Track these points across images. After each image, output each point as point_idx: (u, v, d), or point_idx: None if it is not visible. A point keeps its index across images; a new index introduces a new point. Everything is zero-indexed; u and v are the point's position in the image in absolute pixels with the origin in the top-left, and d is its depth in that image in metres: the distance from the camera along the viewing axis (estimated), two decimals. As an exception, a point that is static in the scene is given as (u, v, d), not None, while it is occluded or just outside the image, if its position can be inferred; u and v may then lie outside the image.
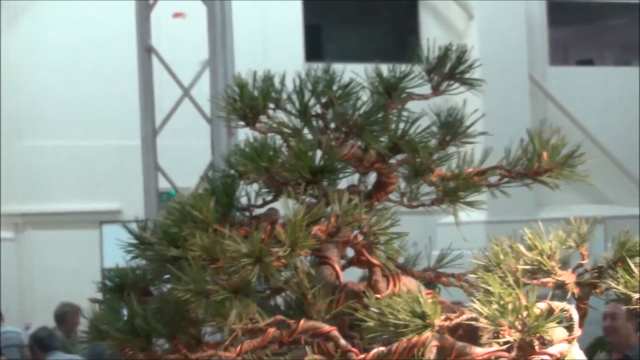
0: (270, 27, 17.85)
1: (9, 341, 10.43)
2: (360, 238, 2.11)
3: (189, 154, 5.24)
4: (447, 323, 1.96)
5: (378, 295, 2.24)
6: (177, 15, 10.16)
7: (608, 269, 2.39)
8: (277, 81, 2.29)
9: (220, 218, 2.12)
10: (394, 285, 2.39)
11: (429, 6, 19.51)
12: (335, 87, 2.30)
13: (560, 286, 2.26)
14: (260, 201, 2.46)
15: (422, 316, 1.83)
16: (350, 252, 2.63)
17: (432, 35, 19.37)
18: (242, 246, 1.82)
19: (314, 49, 18.74)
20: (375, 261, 2.23)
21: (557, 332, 2.10)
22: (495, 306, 1.81)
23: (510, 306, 1.84)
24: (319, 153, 2.25)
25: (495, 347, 1.92)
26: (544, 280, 2.26)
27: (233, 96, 2.12)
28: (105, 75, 14.61)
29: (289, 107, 2.21)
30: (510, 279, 2.02)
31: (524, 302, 1.91)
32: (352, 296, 2.35)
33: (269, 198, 2.35)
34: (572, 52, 22.51)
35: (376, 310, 1.96)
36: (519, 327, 1.90)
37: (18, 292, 15.00)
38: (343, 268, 2.59)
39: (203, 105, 4.74)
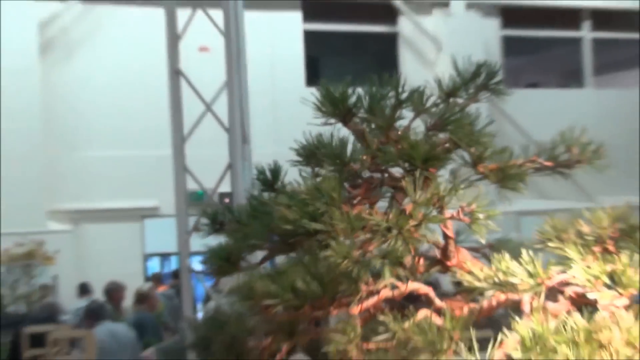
0: (277, 57, 17.84)
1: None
2: (461, 214, 2.04)
3: (211, 159, 5.23)
4: (553, 283, 1.89)
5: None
6: (202, 49, 10.10)
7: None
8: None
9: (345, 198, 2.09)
10: (458, 256, 2.35)
11: (406, 40, 19.57)
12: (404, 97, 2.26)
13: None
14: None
15: (535, 276, 1.77)
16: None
17: (408, 65, 19.52)
18: (382, 220, 1.77)
19: (313, 76, 18.69)
20: (450, 234, 2.21)
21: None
22: (596, 269, 1.75)
23: (608, 268, 1.77)
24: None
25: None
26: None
27: (330, 100, 2.12)
28: (143, 96, 14.64)
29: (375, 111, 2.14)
30: (581, 248, 1.96)
31: (619, 264, 1.82)
32: (434, 262, 2.34)
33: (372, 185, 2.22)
34: (522, 77, 22.69)
35: (491, 273, 1.89)
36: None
37: (75, 274, 15.00)
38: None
39: (222, 117, 4.80)
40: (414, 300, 2.12)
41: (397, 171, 2.18)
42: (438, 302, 2.10)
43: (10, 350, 10.53)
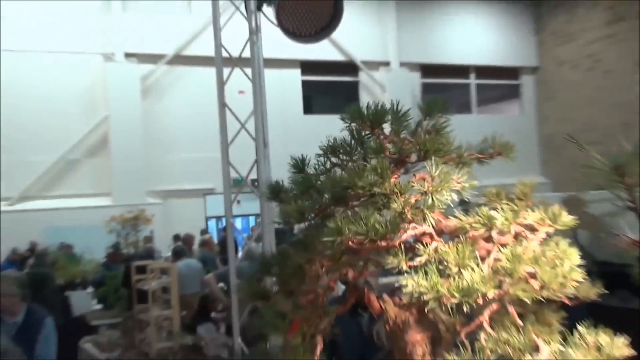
0: (286, 95, 17.36)
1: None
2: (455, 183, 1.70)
3: (245, 158, 5.20)
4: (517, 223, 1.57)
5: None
6: (240, 92, 10.01)
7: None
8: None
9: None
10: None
11: (363, 86, 19.31)
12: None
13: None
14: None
15: (507, 219, 1.53)
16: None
17: (364, 101, 19.36)
18: (419, 186, 1.54)
19: (307, 108, 18.54)
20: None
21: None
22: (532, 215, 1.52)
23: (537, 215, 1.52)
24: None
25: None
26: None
27: (364, 116, 1.81)
28: (205, 119, 13.83)
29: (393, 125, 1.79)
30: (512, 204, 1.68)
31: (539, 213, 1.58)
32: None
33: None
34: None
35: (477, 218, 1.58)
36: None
37: (164, 230, 15.03)
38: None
39: (251, 131, 4.88)
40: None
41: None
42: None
43: (124, 276, 10.49)
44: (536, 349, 1.26)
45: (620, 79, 18.91)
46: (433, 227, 1.48)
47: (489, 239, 1.44)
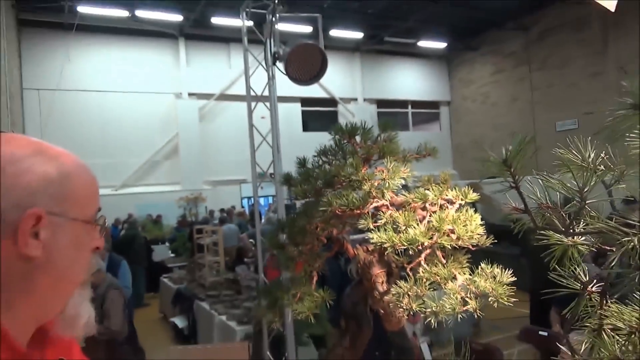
0: (290, 120, 17.30)
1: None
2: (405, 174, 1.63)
3: (265, 159, 5.10)
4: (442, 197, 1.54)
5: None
6: (262, 117, 9.94)
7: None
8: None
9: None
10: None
11: (341, 114, 19.15)
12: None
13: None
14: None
15: (436, 195, 1.46)
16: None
17: (342, 123, 19.45)
18: (380, 175, 1.49)
19: (305, 127, 18.27)
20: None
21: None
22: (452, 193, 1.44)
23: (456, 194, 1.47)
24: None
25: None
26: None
27: (344, 131, 1.70)
28: (240, 134, 13.95)
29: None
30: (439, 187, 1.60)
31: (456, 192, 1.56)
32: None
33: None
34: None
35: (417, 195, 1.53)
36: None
37: (214, 206, 14.84)
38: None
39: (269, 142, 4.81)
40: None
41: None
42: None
43: (188, 235, 10.47)
44: (454, 278, 1.28)
45: (502, 108, 18.98)
46: (389, 201, 1.48)
47: (424, 208, 1.43)
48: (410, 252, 1.32)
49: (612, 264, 0.73)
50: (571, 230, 0.78)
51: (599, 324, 0.79)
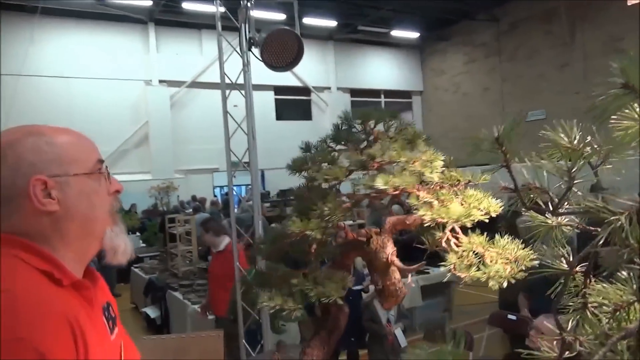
0: (265, 109, 17.01)
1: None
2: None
3: (240, 146, 4.95)
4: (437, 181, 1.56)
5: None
6: (235, 105, 9.64)
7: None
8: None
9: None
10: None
11: (314, 103, 19.14)
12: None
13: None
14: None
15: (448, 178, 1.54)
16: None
17: (315, 113, 19.23)
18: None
19: (278, 116, 18.11)
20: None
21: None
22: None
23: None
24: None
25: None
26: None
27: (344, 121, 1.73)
28: (211, 124, 13.68)
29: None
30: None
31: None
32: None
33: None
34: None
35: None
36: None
37: (186, 195, 14.44)
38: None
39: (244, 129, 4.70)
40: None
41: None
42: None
43: (160, 224, 10.33)
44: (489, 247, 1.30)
45: (473, 99, 19.23)
46: (432, 182, 1.50)
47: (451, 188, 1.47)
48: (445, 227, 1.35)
49: (600, 242, 0.72)
50: (559, 211, 0.78)
51: (584, 302, 0.79)
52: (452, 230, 1.36)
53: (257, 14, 4.13)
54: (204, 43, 16.79)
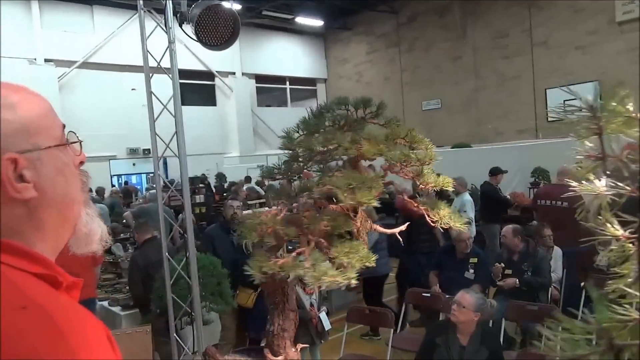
0: (167, 90, 16.62)
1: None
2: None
3: (167, 130, 4.46)
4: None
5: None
6: (133, 89, 8.65)
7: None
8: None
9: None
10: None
11: (219, 88, 18.54)
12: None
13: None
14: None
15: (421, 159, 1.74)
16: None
17: (219, 99, 18.66)
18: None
19: (183, 101, 17.56)
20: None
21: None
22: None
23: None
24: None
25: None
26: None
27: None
28: (106, 108, 12.92)
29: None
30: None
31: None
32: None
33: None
34: (267, 101, 22.77)
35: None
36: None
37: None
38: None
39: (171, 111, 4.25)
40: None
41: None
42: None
43: None
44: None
45: (375, 88, 19.92)
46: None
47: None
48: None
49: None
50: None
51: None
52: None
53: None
54: (96, 20, 15.57)
